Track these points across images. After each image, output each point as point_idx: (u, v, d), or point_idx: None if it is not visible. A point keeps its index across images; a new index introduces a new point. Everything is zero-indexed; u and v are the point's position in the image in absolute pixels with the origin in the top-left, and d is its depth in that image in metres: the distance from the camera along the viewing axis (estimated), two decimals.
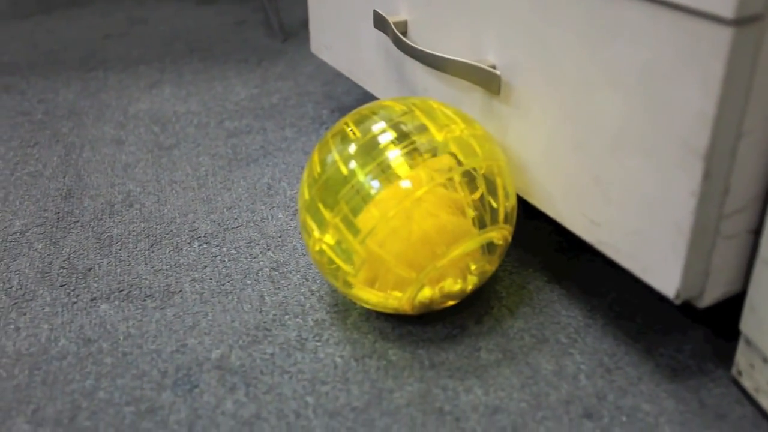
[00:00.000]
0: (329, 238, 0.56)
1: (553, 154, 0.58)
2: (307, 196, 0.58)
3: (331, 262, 0.57)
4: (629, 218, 0.53)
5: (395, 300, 0.57)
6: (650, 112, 0.49)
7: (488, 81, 0.62)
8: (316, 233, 0.57)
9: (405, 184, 0.54)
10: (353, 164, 0.55)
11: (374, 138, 0.56)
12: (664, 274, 0.51)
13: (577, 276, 0.68)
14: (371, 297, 0.58)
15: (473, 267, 0.58)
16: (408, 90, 0.76)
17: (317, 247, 0.58)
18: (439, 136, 0.56)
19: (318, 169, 0.57)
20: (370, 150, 0.55)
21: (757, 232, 0.52)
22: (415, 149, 0.55)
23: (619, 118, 0.51)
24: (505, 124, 0.63)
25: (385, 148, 0.55)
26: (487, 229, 0.57)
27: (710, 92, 0.44)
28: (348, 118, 0.59)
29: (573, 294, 0.66)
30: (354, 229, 0.55)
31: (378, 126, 0.56)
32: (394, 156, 0.55)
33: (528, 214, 0.78)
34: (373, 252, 0.55)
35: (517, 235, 0.75)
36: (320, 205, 0.56)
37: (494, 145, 0.59)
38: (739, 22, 0.42)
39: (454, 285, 0.58)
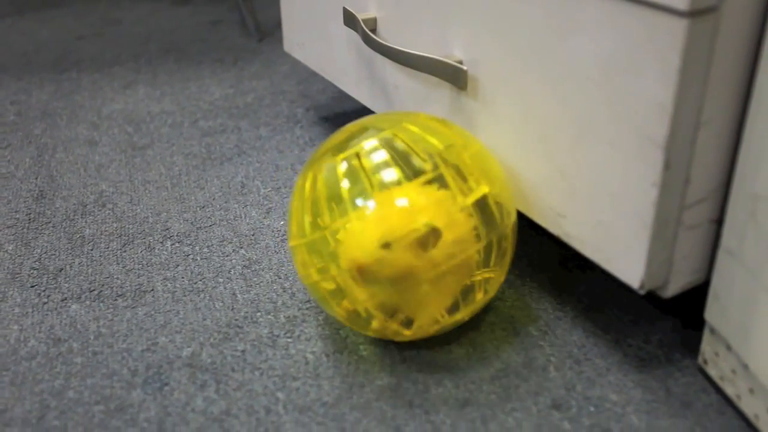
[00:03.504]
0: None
1: (519, 147, 0.59)
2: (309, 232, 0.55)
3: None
4: (594, 210, 0.53)
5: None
6: (611, 104, 0.49)
7: (455, 76, 0.62)
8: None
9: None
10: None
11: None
12: (628, 265, 0.52)
13: (547, 269, 0.69)
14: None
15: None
16: (378, 87, 0.76)
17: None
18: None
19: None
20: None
21: (719, 222, 0.53)
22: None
23: (581, 111, 0.52)
24: (473, 118, 0.63)
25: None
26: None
27: (668, 84, 0.45)
28: (359, 150, 0.55)
29: (544, 288, 0.67)
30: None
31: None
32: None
33: None
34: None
35: None
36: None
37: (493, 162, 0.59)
38: (694, 14, 0.43)
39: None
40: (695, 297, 0.64)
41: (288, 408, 0.54)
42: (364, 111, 1.01)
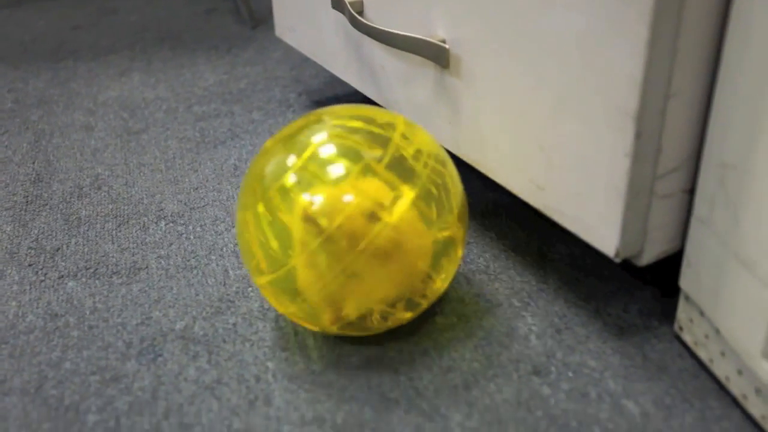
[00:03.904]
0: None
1: (500, 123, 0.60)
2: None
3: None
4: (571, 182, 0.55)
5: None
6: (585, 78, 0.51)
7: (438, 55, 0.64)
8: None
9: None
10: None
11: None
12: (603, 234, 0.54)
13: (531, 243, 0.71)
14: None
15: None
16: (366, 69, 0.78)
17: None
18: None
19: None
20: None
21: (691, 192, 0.54)
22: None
23: (557, 86, 0.53)
24: (456, 96, 0.65)
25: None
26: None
27: (637, 56, 0.46)
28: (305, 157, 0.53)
29: (527, 261, 0.68)
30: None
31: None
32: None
33: (485, 186, 0.80)
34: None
35: (474, 205, 0.77)
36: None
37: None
38: None
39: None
40: (673, 267, 0.66)
41: (277, 377, 0.56)
42: (356, 95, 1.03)
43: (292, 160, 0.53)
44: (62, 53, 1.18)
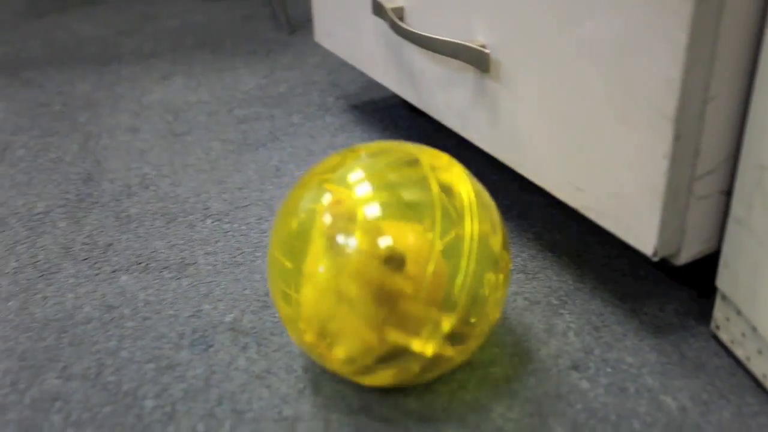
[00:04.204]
0: None
1: (540, 126, 0.62)
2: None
3: None
4: (609, 183, 0.57)
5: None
6: (625, 81, 0.53)
7: (478, 60, 0.66)
8: None
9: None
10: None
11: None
12: (642, 234, 0.55)
13: (568, 244, 0.72)
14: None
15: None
16: (406, 73, 0.80)
17: None
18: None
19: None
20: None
21: (728, 193, 0.56)
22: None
23: (597, 89, 0.55)
24: (496, 100, 0.67)
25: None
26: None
27: (676, 60, 0.48)
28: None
29: (564, 261, 0.70)
30: None
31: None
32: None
33: (522, 188, 0.82)
34: None
35: (511, 207, 0.79)
36: None
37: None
38: None
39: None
40: (709, 269, 0.67)
41: (325, 368, 0.58)
42: (392, 99, 1.05)
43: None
44: (106, 57, 1.22)
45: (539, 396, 0.55)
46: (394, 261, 0.48)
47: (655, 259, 0.55)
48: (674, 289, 0.66)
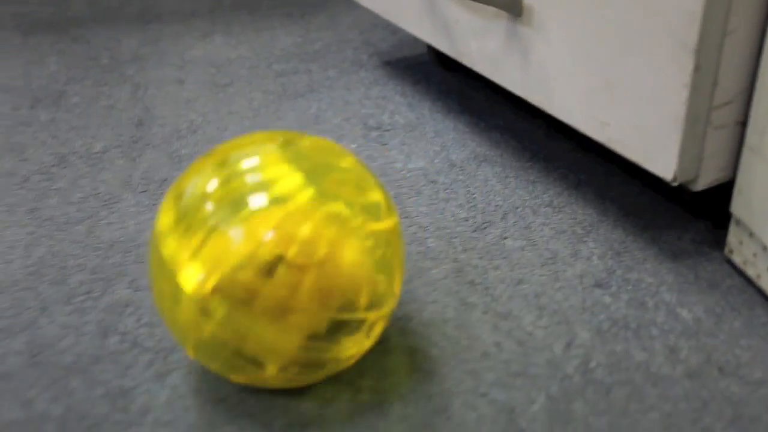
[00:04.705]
0: None
1: (568, 66, 0.67)
2: None
3: None
4: (633, 115, 0.62)
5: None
6: (649, 15, 0.57)
7: (511, 5, 0.70)
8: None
9: None
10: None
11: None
12: (663, 161, 0.60)
13: (592, 182, 0.77)
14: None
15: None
16: (440, 23, 0.85)
17: None
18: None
19: None
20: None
21: (743, 124, 0.60)
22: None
23: (622, 25, 0.60)
24: (527, 44, 0.72)
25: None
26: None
27: None
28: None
29: (588, 198, 0.75)
30: None
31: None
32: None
33: (548, 134, 0.87)
34: None
35: (539, 150, 0.84)
36: None
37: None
38: None
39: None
40: (723, 203, 0.72)
41: None
42: (423, 57, 1.10)
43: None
44: (149, 17, 1.27)
45: (566, 308, 0.61)
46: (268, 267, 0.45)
47: (675, 184, 0.60)
48: (691, 222, 0.71)
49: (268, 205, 0.46)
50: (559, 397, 0.53)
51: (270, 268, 0.45)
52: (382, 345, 0.57)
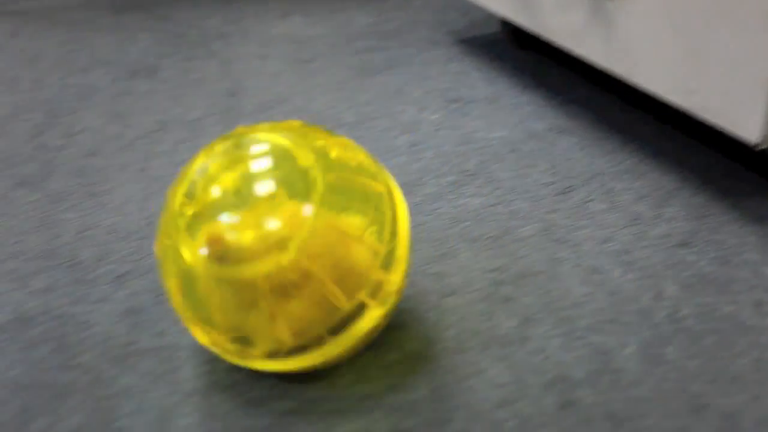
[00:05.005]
0: None
1: (655, 36, 0.70)
2: None
3: None
4: (720, 82, 0.64)
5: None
6: None
7: None
8: None
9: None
10: None
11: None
12: (748, 126, 0.63)
13: (672, 152, 0.80)
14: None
15: None
16: (521, 0, 0.88)
17: None
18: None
19: None
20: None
21: None
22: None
23: None
24: (612, 17, 0.74)
25: None
26: None
27: None
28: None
29: (668, 165, 0.78)
30: None
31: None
32: None
33: (623, 108, 0.89)
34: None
35: (616, 122, 0.86)
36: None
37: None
38: None
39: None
40: None
41: (462, 239, 0.67)
42: (496, 35, 1.13)
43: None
44: None
45: (652, 264, 0.64)
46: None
47: (759, 148, 0.63)
48: None
49: (275, 194, 0.47)
50: (651, 342, 0.56)
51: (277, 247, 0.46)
52: (472, 294, 0.61)
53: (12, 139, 0.87)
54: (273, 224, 0.46)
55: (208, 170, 0.48)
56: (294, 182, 0.47)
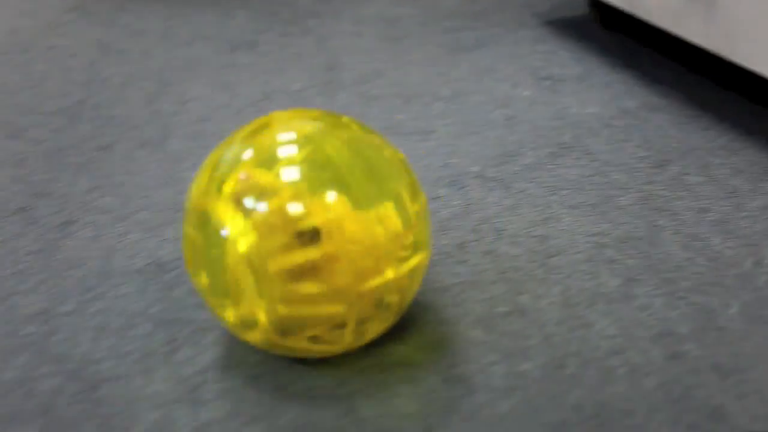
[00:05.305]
0: None
1: (758, 14, 0.72)
2: None
3: None
4: None
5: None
6: None
7: None
8: None
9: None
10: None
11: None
12: None
13: (766, 129, 0.81)
14: None
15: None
16: None
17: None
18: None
19: None
20: None
21: None
22: None
23: None
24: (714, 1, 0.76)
25: None
26: None
27: None
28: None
29: (764, 143, 0.79)
30: None
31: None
32: None
33: (717, 85, 0.91)
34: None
35: (709, 100, 0.88)
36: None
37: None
38: None
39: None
40: None
41: (563, 205, 0.70)
42: (584, 17, 1.15)
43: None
44: None
45: (751, 233, 0.66)
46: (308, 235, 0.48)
47: None
48: None
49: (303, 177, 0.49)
50: (753, 303, 0.58)
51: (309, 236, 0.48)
52: (576, 255, 0.64)
53: (130, 105, 0.93)
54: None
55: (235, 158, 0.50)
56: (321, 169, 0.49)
